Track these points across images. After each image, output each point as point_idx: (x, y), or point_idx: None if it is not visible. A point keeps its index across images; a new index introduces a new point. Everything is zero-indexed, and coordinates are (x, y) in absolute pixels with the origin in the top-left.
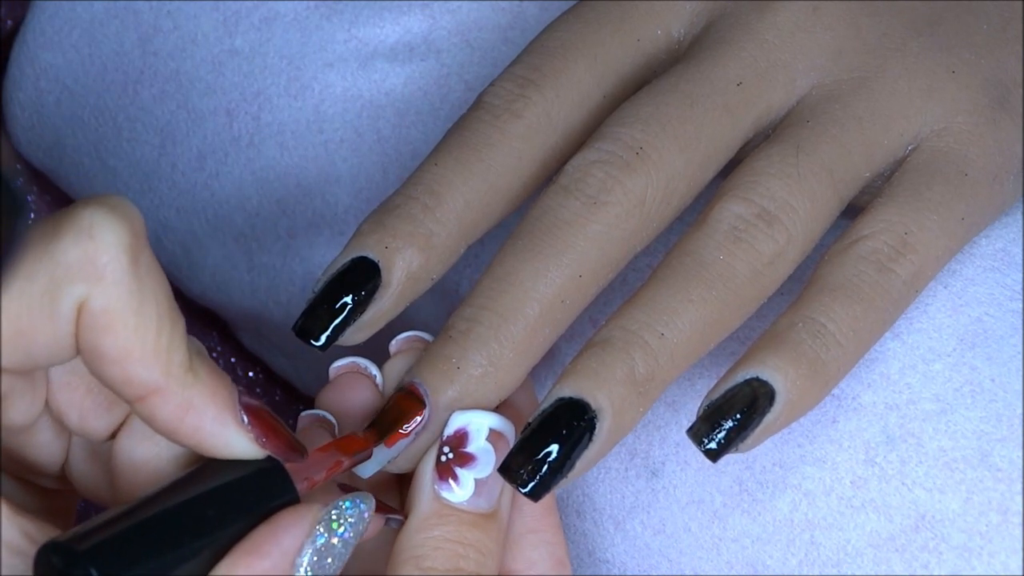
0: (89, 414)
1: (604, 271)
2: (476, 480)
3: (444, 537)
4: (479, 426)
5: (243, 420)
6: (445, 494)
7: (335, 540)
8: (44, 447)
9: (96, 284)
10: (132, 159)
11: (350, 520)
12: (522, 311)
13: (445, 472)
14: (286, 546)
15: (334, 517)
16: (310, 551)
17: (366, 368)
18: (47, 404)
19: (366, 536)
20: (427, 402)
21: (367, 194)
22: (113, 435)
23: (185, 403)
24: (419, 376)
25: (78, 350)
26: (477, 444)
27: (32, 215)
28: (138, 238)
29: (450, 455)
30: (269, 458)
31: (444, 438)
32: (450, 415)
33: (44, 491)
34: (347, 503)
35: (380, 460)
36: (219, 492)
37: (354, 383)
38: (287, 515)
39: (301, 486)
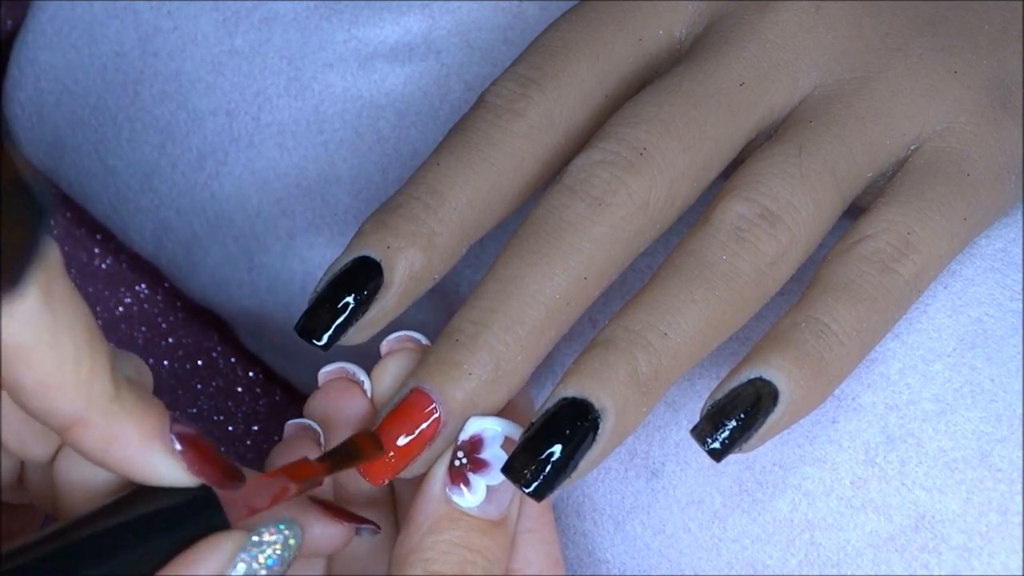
0: (27, 439)
1: (608, 273)
2: (488, 486)
3: (453, 542)
4: (494, 433)
5: (175, 448)
6: (456, 498)
7: (256, 566)
8: None
9: (7, 320)
10: (132, 159)
11: (275, 547)
12: (529, 314)
13: (458, 477)
14: (205, 573)
15: (254, 543)
16: None
17: (354, 374)
18: None
19: (331, 550)
20: (438, 407)
21: (367, 194)
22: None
23: (110, 433)
24: (428, 381)
25: None
26: (492, 451)
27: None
28: (49, 270)
29: (464, 460)
30: (202, 486)
31: (459, 443)
32: (465, 421)
33: (8, 506)
34: (269, 529)
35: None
36: (146, 519)
37: (342, 389)
38: (207, 543)
39: (240, 514)
